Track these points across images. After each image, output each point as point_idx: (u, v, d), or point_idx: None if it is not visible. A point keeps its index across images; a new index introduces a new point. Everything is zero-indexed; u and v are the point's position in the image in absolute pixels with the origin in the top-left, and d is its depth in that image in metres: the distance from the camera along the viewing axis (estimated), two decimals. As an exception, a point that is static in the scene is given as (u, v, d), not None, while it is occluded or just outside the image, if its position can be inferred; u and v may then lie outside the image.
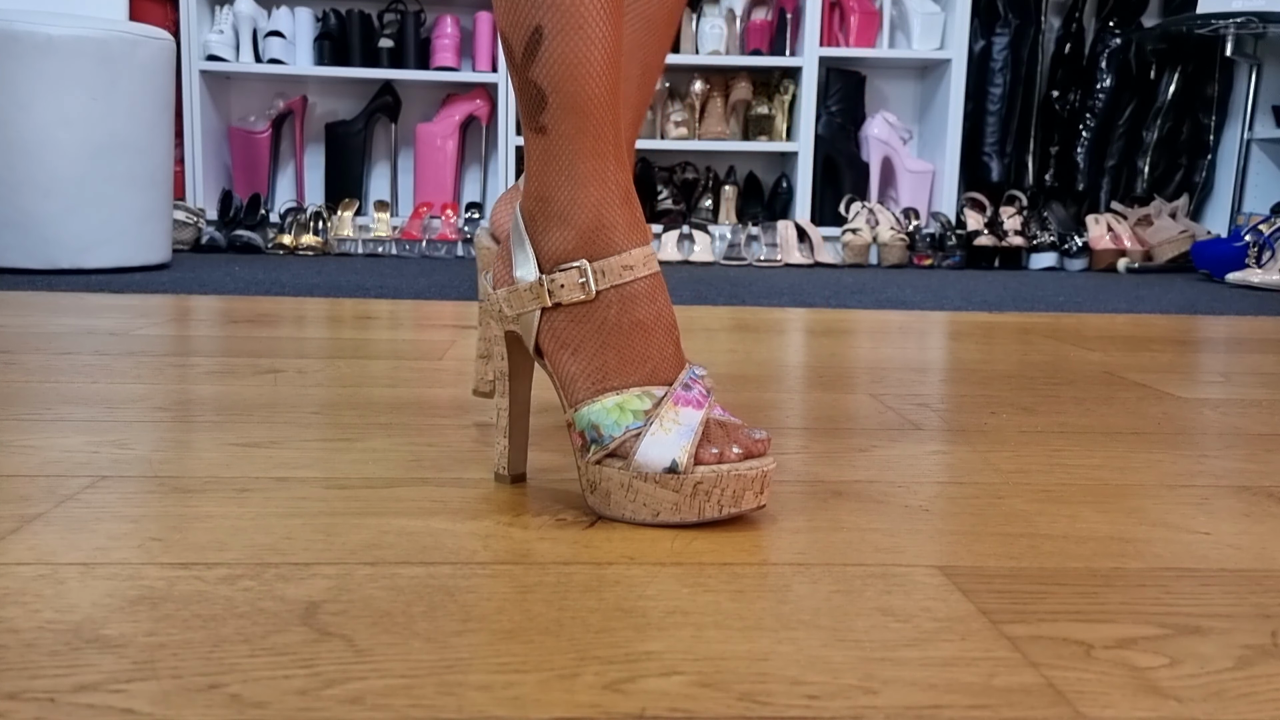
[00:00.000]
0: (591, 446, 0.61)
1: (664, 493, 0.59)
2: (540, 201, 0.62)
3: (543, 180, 0.61)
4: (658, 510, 0.59)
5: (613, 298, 0.61)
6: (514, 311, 0.64)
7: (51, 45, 2.05)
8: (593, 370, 0.61)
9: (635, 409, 0.60)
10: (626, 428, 0.59)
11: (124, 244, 2.18)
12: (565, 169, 0.60)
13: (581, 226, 0.61)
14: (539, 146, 0.61)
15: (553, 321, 0.62)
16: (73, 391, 0.94)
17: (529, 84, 0.60)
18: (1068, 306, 1.99)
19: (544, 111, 0.60)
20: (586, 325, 0.61)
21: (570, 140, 0.60)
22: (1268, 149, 3.25)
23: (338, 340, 1.31)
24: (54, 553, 0.53)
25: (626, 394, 0.60)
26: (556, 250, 0.61)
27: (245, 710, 0.38)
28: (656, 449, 0.58)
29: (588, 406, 0.61)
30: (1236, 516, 0.65)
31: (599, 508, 0.61)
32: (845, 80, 3.26)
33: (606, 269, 0.60)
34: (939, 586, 0.51)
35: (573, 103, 0.59)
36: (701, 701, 0.39)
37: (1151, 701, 0.40)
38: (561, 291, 0.61)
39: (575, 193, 0.60)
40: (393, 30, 3.17)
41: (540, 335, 0.63)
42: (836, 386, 1.06)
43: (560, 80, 0.59)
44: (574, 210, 0.61)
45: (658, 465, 0.58)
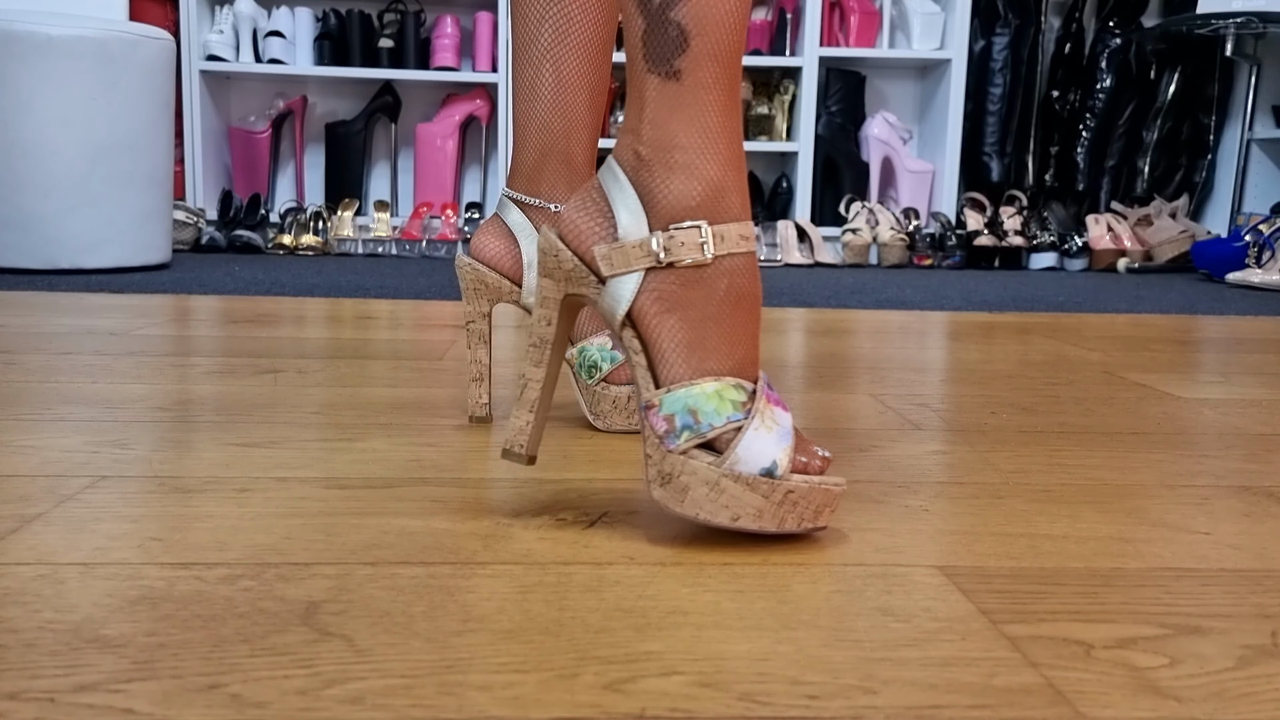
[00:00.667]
0: (683, 433, 0.55)
1: (752, 496, 0.54)
2: (661, 150, 0.56)
3: (668, 127, 0.56)
4: (738, 515, 0.55)
5: (726, 267, 0.56)
6: (615, 269, 0.57)
7: (51, 45, 2.05)
8: (693, 344, 0.56)
9: (734, 399, 0.56)
10: (728, 418, 0.55)
11: (124, 244, 2.18)
12: (697, 119, 0.56)
13: (708, 182, 0.56)
14: (669, 91, 0.56)
15: (660, 284, 0.56)
16: (73, 391, 0.94)
17: (669, 23, 0.55)
18: (1068, 306, 1.99)
19: (683, 55, 0.55)
20: (696, 291, 0.56)
21: (706, 90, 0.56)
22: (1268, 149, 3.25)
23: (338, 340, 1.31)
24: (54, 553, 0.53)
25: (724, 381, 0.56)
26: (677, 204, 0.56)
27: (245, 710, 0.38)
28: (758, 447, 0.55)
29: (685, 389, 0.55)
30: (1236, 516, 0.65)
31: (668, 503, 0.56)
32: (845, 80, 3.26)
33: (726, 234, 0.56)
34: (939, 586, 0.51)
35: (715, 50, 0.55)
36: (701, 702, 0.39)
37: (1151, 701, 0.40)
38: (680, 250, 0.56)
39: (705, 145, 0.56)
40: (393, 30, 3.17)
41: (641, 298, 0.57)
42: (836, 386, 1.06)
43: (706, 24, 0.55)
44: (702, 163, 0.56)
45: (755, 466, 0.54)
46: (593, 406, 0.83)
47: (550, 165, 0.82)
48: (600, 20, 0.82)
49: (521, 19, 0.82)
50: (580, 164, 0.83)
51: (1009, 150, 3.30)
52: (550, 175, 0.82)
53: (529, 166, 0.83)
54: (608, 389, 0.82)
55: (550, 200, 0.82)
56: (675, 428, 0.55)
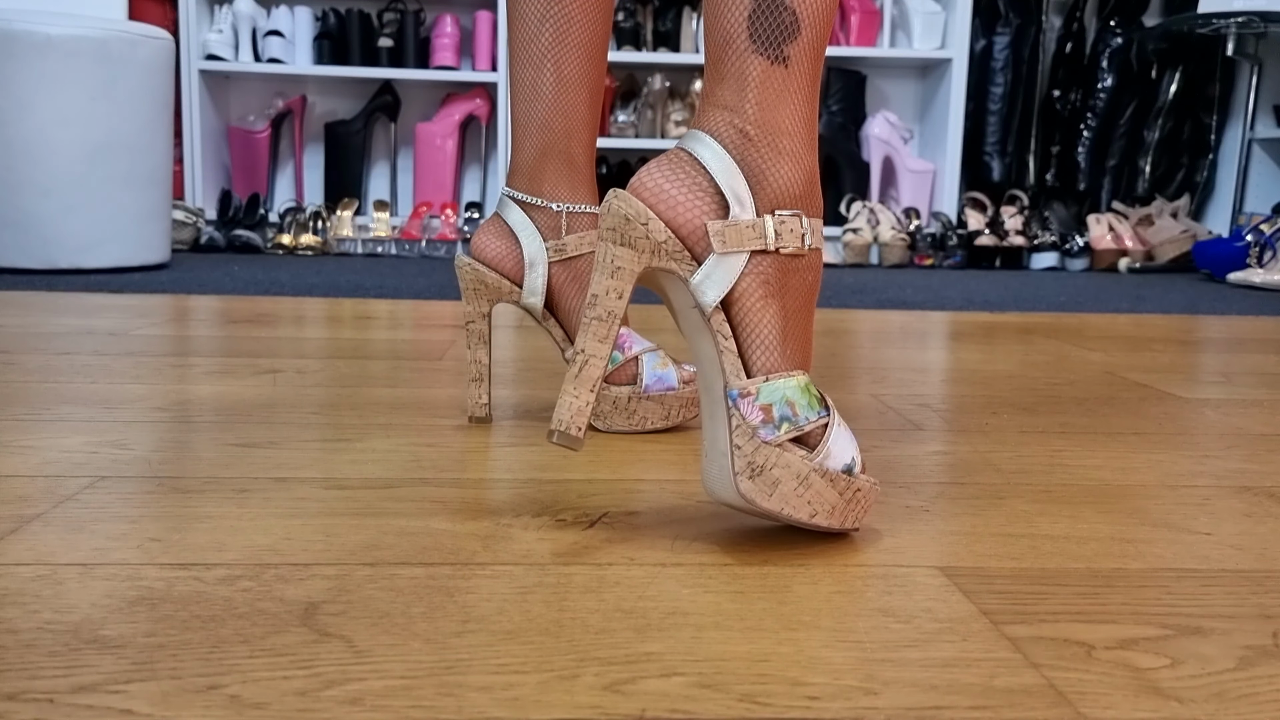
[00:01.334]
0: (782, 425, 0.54)
1: (831, 493, 0.55)
2: (770, 134, 0.55)
3: (777, 111, 0.55)
4: (816, 511, 0.55)
5: (812, 261, 0.57)
6: (727, 249, 0.54)
7: (51, 45, 2.05)
8: (786, 335, 0.56)
9: (817, 396, 0.56)
10: (819, 414, 0.56)
11: (123, 244, 2.18)
12: (801, 108, 0.56)
13: (809, 172, 0.57)
14: (776, 76, 0.55)
15: (765, 268, 0.55)
16: (72, 392, 0.94)
17: (784, 9, 0.55)
18: (1069, 306, 1.99)
19: (794, 42, 0.55)
20: (792, 280, 0.56)
21: (807, 79, 0.56)
22: (1269, 148, 3.25)
23: (337, 340, 1.31)
24: (53, 553, 0.53)
25: (808, 376, 0.56)
26: (784, 189, 0.56)
27: (244, 711, 0.38)
28: (842, 444, 0.56)
29: (782, 380, 0.55)
30: (1238, 517, 0.64)
31: (754, 496, 0.54)
32: (846, 80, 3.26)
33: (816, 228, 0.57)
34: (940, 587, 0.51)
35: (819, 42, 0.56)
36: (702, 702, 0.39)
37: (1153, 702, 0.40)
38: (790, 236, 0.55)
39: (805, 133, 0.56)
40: (392, 29, 3.17)
41: (746, 280, 0.55)
42: (837, 386, 1.06)
43: (818, 15, 0.55)
44: (805, 153, 0.56)
45: (840, 462, 0.55)
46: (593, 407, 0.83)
47: (551, 165, 0.82)
48: (599, 20, 0.83)
49: (520, 19, 0.82)
50: (581, 163, 0.83)
51: (1010, 150, 3.30)
52: (552, 175, 0.82)
53: (529, 165, 0.83)
54: (608, 389, 0.82)
55: (551, 199, 0.82)
56: (774, 419, 0.54)
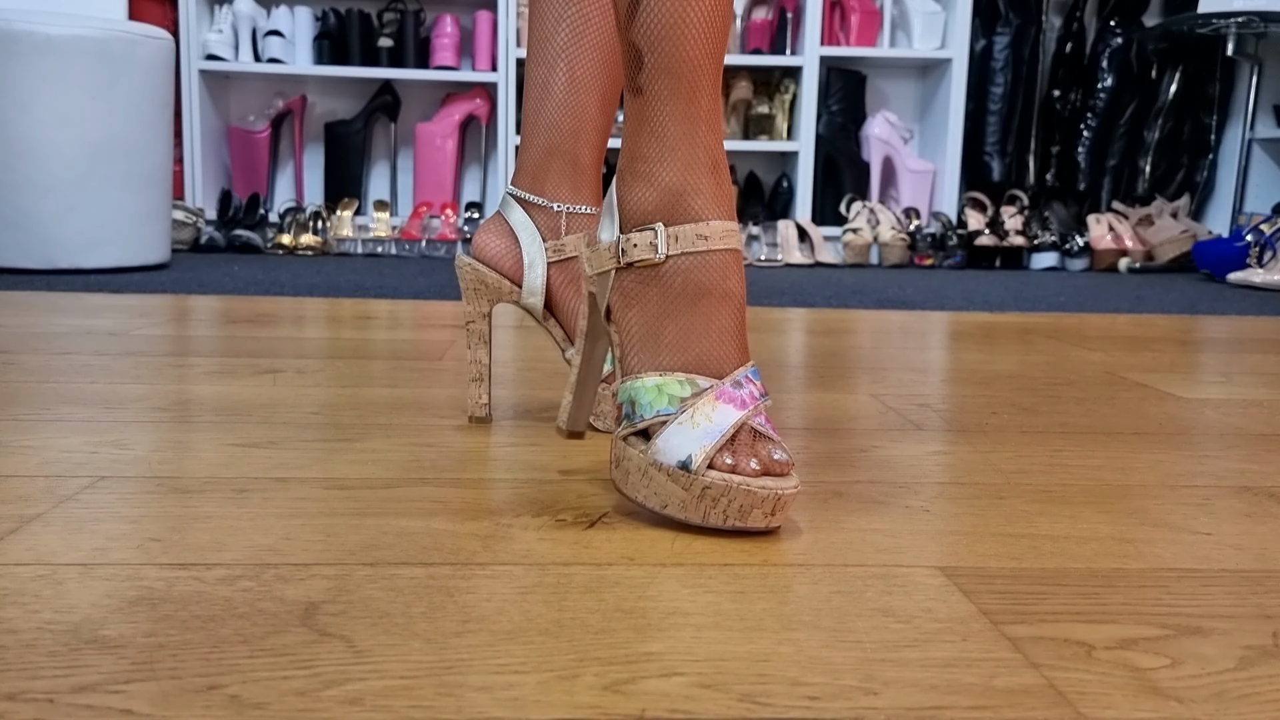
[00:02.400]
0: (623, 421, 0.61)
1: (673, 487, 0.58)
2: (630, 161, 0.62)
3: (635, 140, 0.61)
4: (666, 503, 0.59)
5: (681, 265, 0.60)
6: (593, 270, 0.64)
7: (51, 45, 2.05)
8: (649, 338, 0.61)
9: (673, 394, 0.59)
10: (658, 411, 0.59)
11: (123, 244, 2.18)
12: (656, 130, 0.60)
13: (664, 188, 0.61)
14: (635, 107, 0.61)
15: (623, 282, 0.62)
16: (71, 392, 0.94)
17: (628, 45, 0.60)
18: (1069, 306, 1.99)
19: (641, 72, 0.60)
20: (652, 289, 0.61)
21: (663, 102, 0.60)
22: (1269, 149, 3.25)
23: (337, 340, 1.31)
24: (53, 553, 0.53)
25: (669, 377, 0.60)
26: (638, 210, 0.62)
27: (244, 711, 0.38)
28: (676, 440, 0.58)
29: (631, 380, 0.61)
30: (1238, 517, 0.64)
31: (618, 483, 0.61)
32: (846, 80, 3.26)
33: (680, 234, 0.60)
34: (940, 587, 0.51)
35: (667, 64, 0.59)
36: (702, 703, 0.39)
37: (1153, 702, 0.40)
38: (634, 251, 0.61)
39: (662, 154, 0.60)
40: (392, 29, 3.17)
41: (611, 294, 0.63)
42: (837, 386, 1.06)
43: (656, 41, 0.59)
44: (659, 171, 0.61)
45: (672, 458, 0.58)
46: (594, 407, 0.83)
47: (556, 165, 0.82)
48: None
49: (538, 17, 0.82)
50: (587, 165, 0.83)
51: (1010, 150, 3.30)
52: (555, 175, 0.82)
53: (534, 164, 0.83)
54: (609, 389, 0.82)
55: (554, 199, 0.82)
56: (621, 415, 0.62)
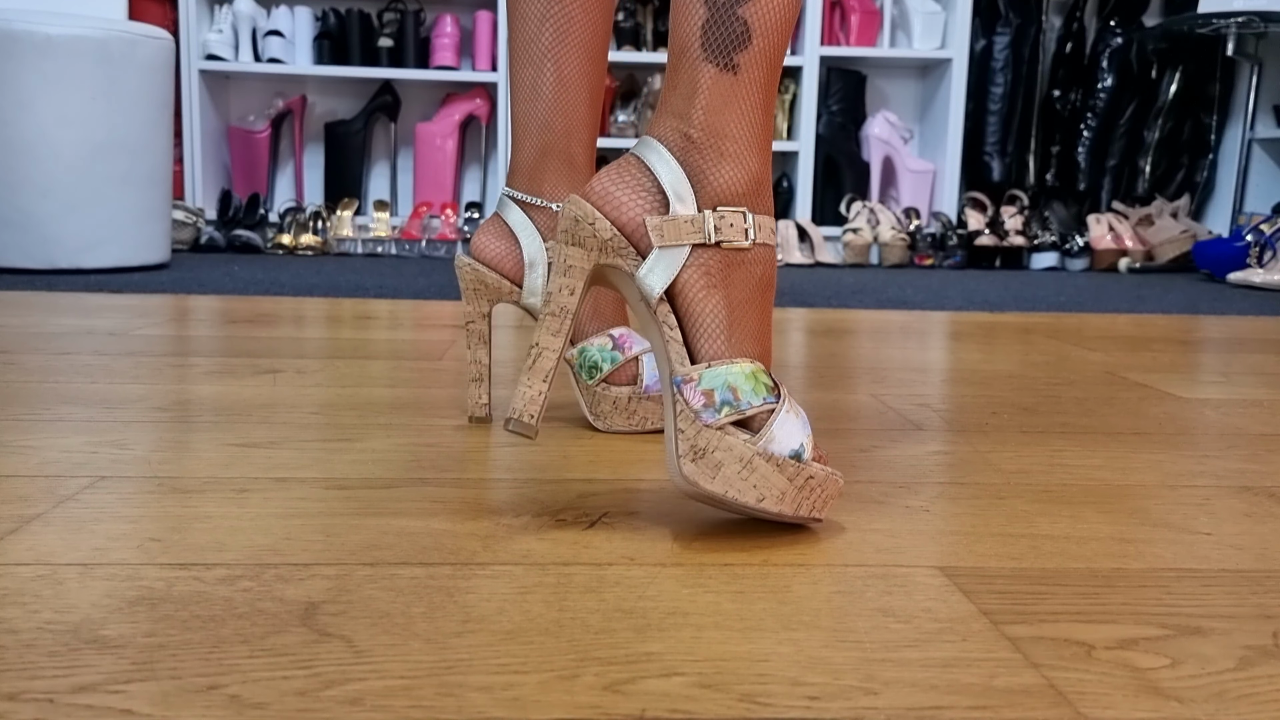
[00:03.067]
0: (723, 409, 0.56)
1: (779, 478, 0.56)
2: (714, 136, 0.59)
3: (722, 116, 0.59)
4: (764, 495, 0.56)
5: (760, 255, 0.60)
6: (665, 242, 0.58)
7: (51, 45, 2.05)
8: (733, 325, 0.58)
9: (766, 383, 0.58)
10: (764, 399, 0.57)
11: (123, 244, 2.18)
12: (749, 113, 0.59)
13: (752, 173, 0.59)
14: (724, 83, 0.59)
15: (707, 260, 0.58)
16: (72, 392, 0.94)
17: (734, 19, 0.58)
18: (1069, 306, 1.99)
19: (744, 50, 0.58)
20: (737, 272, 0.59)
21: (759, 88, 0.59)
22: (1269, 148, 3.25)
23: (337, 340, 1.31)
24: (53, 553, 0.53)
25: (757, 365, 0.59)
26: (725, 188, 0.59)
27: (244, 711, 0.38)
28: (789, 430, 0.57)
29: (725, 366, 0.57)
30: (1238, 517, 0.64)
31: (698, 478, 0.56)
32: (846, 79, 3.26)
33: (764, 224, 0.60)
34: (940, 587, 0.51)
35: (771, 51, 0.59)
36: (702, 702, 0.39)
37: (1153, 702, 0.40)
38: (728, 230, 0.58)
39: (752, 138, 0.59)
40: (392, 29, 3.17)
41: (688, 272, 0.58)
42: (837, 386, 1.06)
43: (771, 25, 0.58)
44: (749, 156, 0.59)
45: (786, 447, 0.57)
46: (593, 407, 0.83)
47: (552, 165, 0.82)
48: (600, 20, 0.83)
49: (520, 18, 0.82)
50: (581, 163, 0.83)
51: (1010, 150, 3.30)
52: (552, 175, 0.82)
53: (529, 165, 0.83)
54: (608, 389, 0.82)
55: (552, 199, 0.82)
56: (715, 403, 0.56)
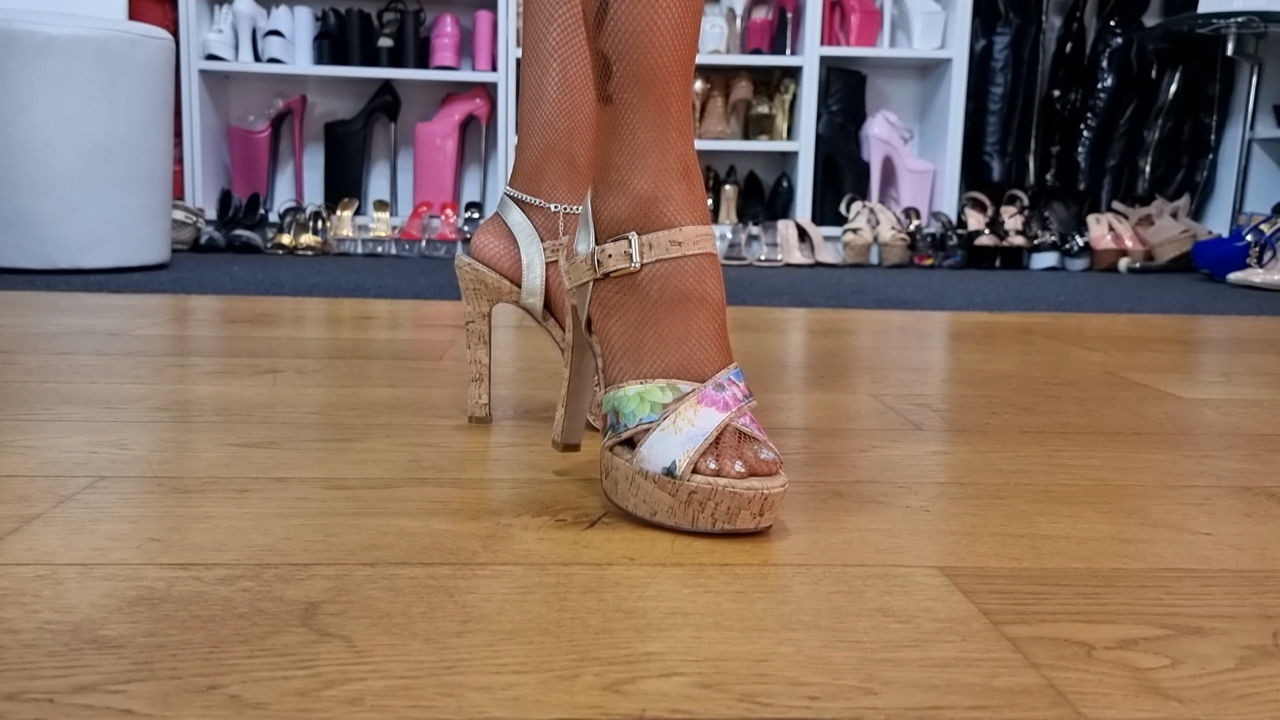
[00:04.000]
0: (609, 431, 0.61)
1: (661, 494, 0.58)
2: (602, 170, 0.62)
3: (606, 149, 0.62)
4: (655, 510, 0.59)
5: (657, 272, 0.61)
6: (572, 283, 0.65)
7: (51, 45, 2.05)
8: (630, 347, 0.61)
9: (655, 401, 0.60)
10: (641, 419, 0.60)
11: (123, 244, 2.18)
12: (626, 138, 0.61)
13: (636, 196, 0.61)
14: (605, 116, 0.61)
15: (601, 292, 0.62)
16: (71, 392, 0.94)
17: (596, 54, 0.60)
18: (1069, 306, 1.99)
19: (610, 81, 0.60)
20: (630, 297, 0.61)
21: (632, 110, 0.60)
22: (1269, 149, 3.25)
23: (337, 340, 1.31)
24: (53, 553, 0.53)
25: (651, 384, 0.60)
26: (611, 220, 0.62)
27: (244, 711, 0.38)
28: (660, 447, 0.58)
29: (615, 390, 0.61)
30: (1238, 517, 0.64)
31: (608, 493, 0.62)
32: (846, 80, 3.26)
33: (654, 242, 0.61)
34: (940, 587, 0.51)
35: (635, 71, 0.59)
36: (702, 703, 0.39)
37: (1153, 702, 0.40)
38: (609, 261, 0.61)
39: (633, 162, 0.61)
40: (392, 29, 3.17)
41: (590, 306, 0.63)
42: (837, 386, 1.06)
43: (625, 49, 0.59)
44: (631, 179, 0.61)
45: (657, 465, 0.58)
46: (593, 408, 0.83)
47: (552, 165, 0.82)
48: None
49: (531, 17, 0.82)
50: (582, 165, 0.83)
51: (1010, 150, 3.30)
52: (551, 175, 0.82)
53: (531, 165, 0.83)
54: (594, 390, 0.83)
55: (551, 200, 0.82)
56: (607, 425, 0.62)
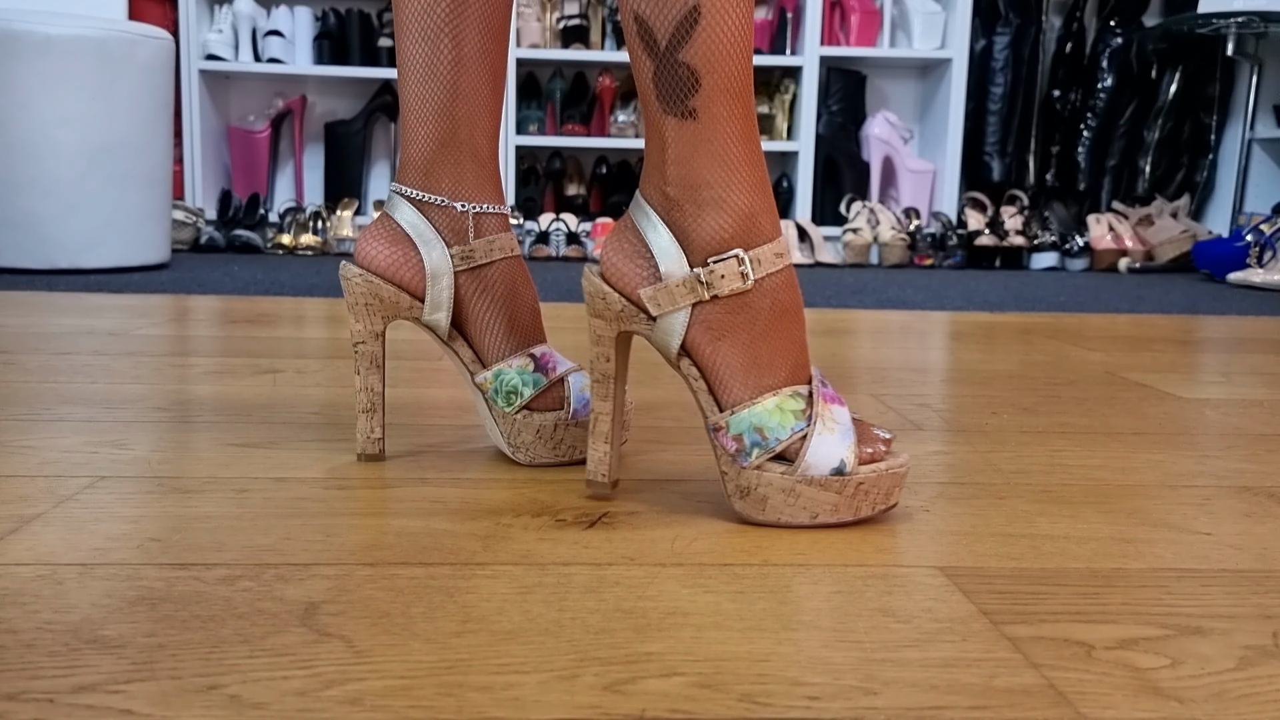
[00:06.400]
0: (753, 451, 0.59)
1: (826, 495, 0.59)
2: (689, 189, 0.59)
3: (691, 167, 0.59)
4: (816, 513, 0.59)
5: (767, 287, 0.60)
6: (662, 310, 0.60)
7: (50, 45, 2.05)
8: (747, 364, 0.60)
9: (794, 409, 0.59)
10: (792, 429, 0.59)
11: (123, 244, 2.18)
12: (719, 153, 0.58)
13: (738, 213, 0.59)
14: (687, 132, 0.58)
15: (708, 315, 0.60)
16: (71, 392, 0.94)
17: (678, 66, 0.57)
18: (1069, 306, 1.99)
19: (696, 94, 0.57)
20: (742, 316, 0.60)
21: (724, 124, 0.58)
22: (1269, 148, 3.25)
23: (337, 340, 1.31)
24: (53, 553, 0.53)
25: (781, 394, 0.60)
26: (712, 239, 0.59)
27: (244, 711, 0.38)
28: (825, 450, 0.58)
29: (748, 409, 0.59)
30: (1238, 517, 0.64)
31: (749, 513, 0.60)
32: (846, 79, 3.26)
33: (762, 257, 0.59)
34: (940, 587, 0.51)
35: (727, 84, 0.58)
36: (702, 703, 0.39)
37: (1152, 702, 0.40)
38: (722, 283, 0.59)
39: (730, 177, 0.59)
40: (392, 29, 3.17)
41: (692, 331, 0.60)
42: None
43: (716, 60, 0.57)
44: (729, 196, 0.59)
45: (825, 467, 0.58)
46: (511, 438, 0.71)
47: (451, 156, 0.71)
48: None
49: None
50: (486, 156, 0.73)
51: (1010, 150, 3.30)
52: (452, 168, 0.72)
53: (424, 158, 0.71)
54: (530, 417, 0.71)
55: (456, 198, 0.71)
56: (745, 446, 0.59)
